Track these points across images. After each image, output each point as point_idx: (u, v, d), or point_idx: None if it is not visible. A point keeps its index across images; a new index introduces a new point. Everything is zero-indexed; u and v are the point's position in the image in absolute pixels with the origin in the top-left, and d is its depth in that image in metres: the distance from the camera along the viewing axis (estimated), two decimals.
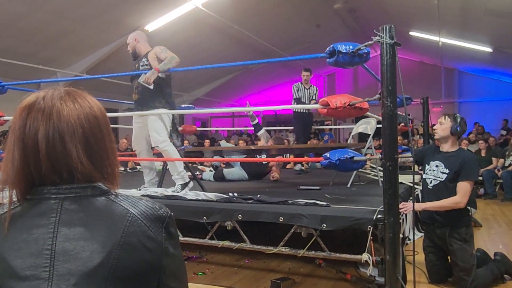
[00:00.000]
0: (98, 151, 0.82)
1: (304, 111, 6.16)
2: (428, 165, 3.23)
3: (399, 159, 3.28)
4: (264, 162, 5.24)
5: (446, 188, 3.05)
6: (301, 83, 6.36)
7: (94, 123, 0.83)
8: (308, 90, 6.35)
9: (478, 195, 7.80)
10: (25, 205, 0.79)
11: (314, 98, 6.28)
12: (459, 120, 3.09)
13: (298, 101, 6.20)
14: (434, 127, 3.23)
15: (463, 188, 2.97)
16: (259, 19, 9.65)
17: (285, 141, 11.21)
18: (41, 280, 0.72)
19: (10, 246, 0.75)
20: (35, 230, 0.76)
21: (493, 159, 8.27)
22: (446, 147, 3.16)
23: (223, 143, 6.33)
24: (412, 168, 2.83)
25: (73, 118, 0.80)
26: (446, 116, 3.14)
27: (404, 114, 2.97)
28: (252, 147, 5.01)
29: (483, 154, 8.48)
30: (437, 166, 3.15)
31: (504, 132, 11.78)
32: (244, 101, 17.49)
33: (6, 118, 4.27)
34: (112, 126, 0.93)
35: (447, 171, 3.07)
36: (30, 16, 7.11)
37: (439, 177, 3.11)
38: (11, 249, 0.74)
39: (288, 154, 6.20)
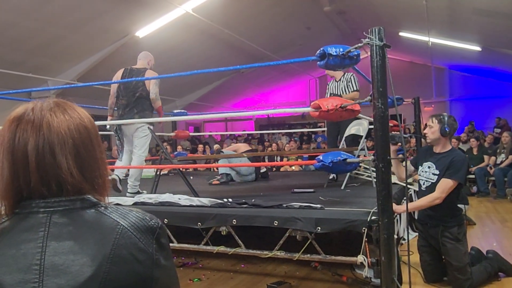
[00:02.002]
0: (89, 162, 0.82)
1: None
2: (421, 166, 3.23)
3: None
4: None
5: None
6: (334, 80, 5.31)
7: (85, 134, 0.82)
8: (339, 82, 5.22)
9: (471, 193, 7.86)
10: (13, 220, 0.78)
11: (350, 88, 5.11)
12: (446, 119, 3.09)
13: None
14: (424, 131, 3.24)
15: (443, 184, 2.97)
16: (249, 23, 9.67)
17: (276, 144, 11.23)
18: None
19: None
20: (23, 245, 0.74)
21: (485, 157, 8.34)
22: (438, 148, 3.17)
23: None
24: (405, 167, 2.84)
25: (63, 129, 0.79)
26: (433, 118, 3.14)
27: (399, 133, 2.97)
28: (245, 155, 5.01)
29: (475, 152, 8.55)
30: (429, 167, 3.16)
31: (498, 130, 11.83)
32: (237, 105, 17.53)
33: None
34: (104, 133, 0.92)
35: (438, 172, 3.08)
36: (19, 24, 7.06)
37: (430, 179, 3.12)
38: (0, 265, 0.73)
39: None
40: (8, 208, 0.78)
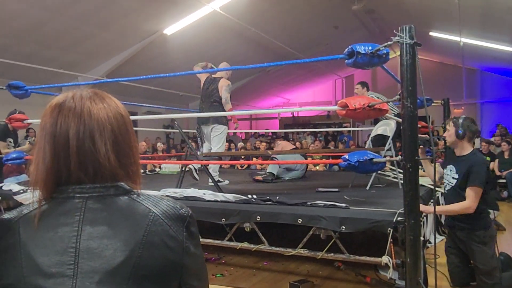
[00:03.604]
0: (125, 148, 0.84)
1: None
2: (445, 169, 3.19)
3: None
4: None
5: (456, 194, 3.03)
6: None
7: (121, 121, 0.85)
8: None
9: (501, 198, 7.63)
10: (50, 204, 0.81)
11: None
12: (460, 122, 3.02)
13: None
14: (444, 134, 3.20)
15: (470, 193, 2.92)
16: (276, 21, 9.65)
17: (300, 144, 11.19)
18: (66, 277, 0.74)
19: (37, 244, 0.77)
20: (60, 229, 0.77)
21: None
22: (458, 151, 3.13)
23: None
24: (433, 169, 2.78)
25: (102, 116, 0.82)
26: (450, 122, 3.10)
27: (425, 135, 2.94)
28: (270, 152, 5.00)
29: (506, 156, 8.29)
30: (450, 170, 3.12)
31: None
32: (262, 104, 17.53)
33: (29, 121, 4.38)
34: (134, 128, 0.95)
35: (457, 176, 3.04)
36: (52, 22, 7.26)
37: (451, 182, 3.09)
38: (38, 246, 0.76)
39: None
40: (46, 192, 0.81)
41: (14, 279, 0.75)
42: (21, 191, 3.86)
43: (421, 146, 3.09)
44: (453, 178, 3.07)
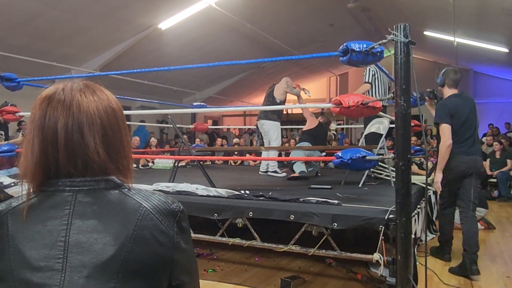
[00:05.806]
0: (115, 143, 0.83)
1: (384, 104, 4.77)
2: None
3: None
4: None
5: None
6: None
7: (112, 115, 0.84)
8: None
9: (492, 197, 7.69)
10: (40, 197, 0.80)
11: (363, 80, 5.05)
12: (442, 72, 3.57)
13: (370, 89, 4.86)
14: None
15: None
16: (272, 18, 9.64)
17: (294, 140, 11.18)
18: (55, 271, 0.73)
19: (25, 237, 0.76)
20: (49, 222, 0.76)
21: (508, 161, 8.15)
22: None
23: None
24: (426, 168, 2.80)
25: (92, 109, 0.81)
26: None
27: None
28: (263, 148, 5.01)
29: (497, 156, 8.36)
30: None
31: None
32: (256, 100, 17.50)
33: (21, 113, 4.34)
34: (127, 123, 0.94)
35: None
36: (46, 14, 7.19)
37: None
38: (26, 240, 0.75)
39: None
40: (35, 185, 0.80)
41: (2, 272, 0.74)
42: (12, 184, 3.84)
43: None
44: None
